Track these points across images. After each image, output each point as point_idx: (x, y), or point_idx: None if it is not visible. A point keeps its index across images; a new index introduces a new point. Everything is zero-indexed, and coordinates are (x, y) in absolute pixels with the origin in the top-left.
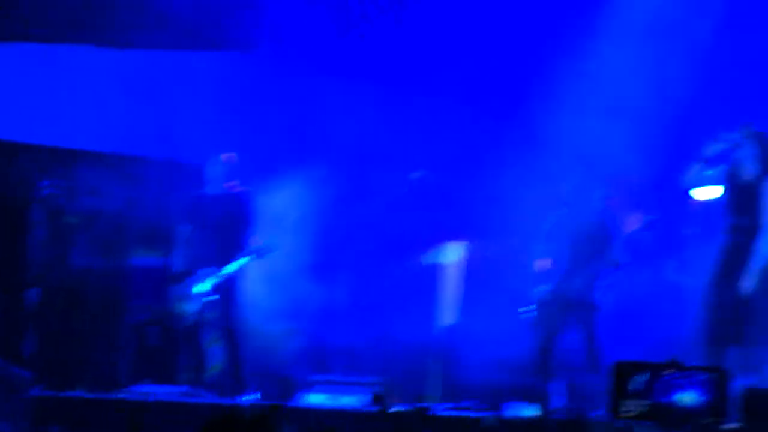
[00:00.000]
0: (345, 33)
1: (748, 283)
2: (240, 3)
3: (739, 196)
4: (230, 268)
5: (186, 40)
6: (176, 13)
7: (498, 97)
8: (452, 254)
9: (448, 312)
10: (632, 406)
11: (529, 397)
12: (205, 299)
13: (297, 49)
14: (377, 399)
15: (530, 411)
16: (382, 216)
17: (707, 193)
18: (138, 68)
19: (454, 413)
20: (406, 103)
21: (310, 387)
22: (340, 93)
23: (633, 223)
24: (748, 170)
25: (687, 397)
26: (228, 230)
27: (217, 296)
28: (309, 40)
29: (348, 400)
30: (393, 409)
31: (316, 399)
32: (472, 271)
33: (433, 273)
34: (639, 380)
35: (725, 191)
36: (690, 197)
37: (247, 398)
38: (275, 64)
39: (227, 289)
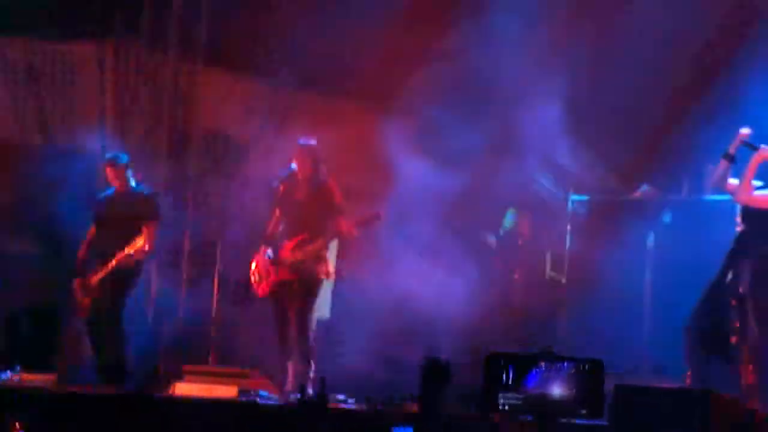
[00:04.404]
0: None
1: None
2: None
3: None
4: (125, 252)
5: None
6: None
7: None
8: None
9: None
10: (505, 399)
11: None
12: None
13: None
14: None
15: None
16: None
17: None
18: None
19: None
20: None
21: (181, 377)
22: None
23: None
24: None
25: (560, 389)
26: (129, 226)
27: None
28: None
29: (219, 391)
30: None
31: (187, 389)
32: None
33: None
34: (511, 372)
35: None
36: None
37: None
38: None
39: (118, 281)
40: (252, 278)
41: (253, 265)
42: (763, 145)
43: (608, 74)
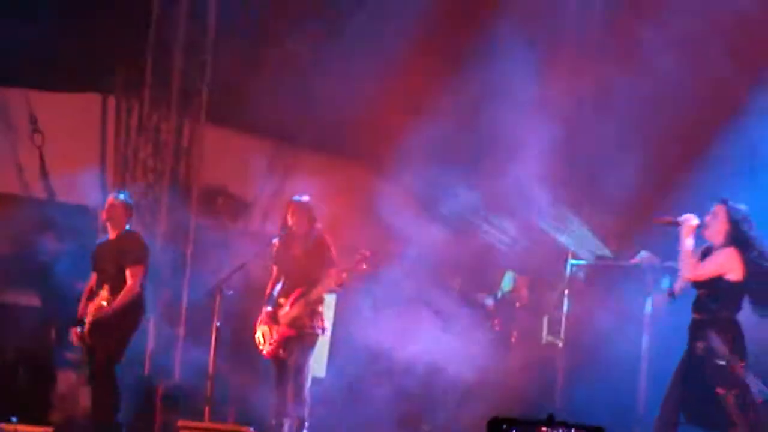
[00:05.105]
0: None
1: None
2: None
3: None
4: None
5: None
6: None
7: None
8: None
9: None
10: None
11: None
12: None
13: None
14: None
15: None
16: None
17: None
18: None
19: None
20: None
21: None
22: None
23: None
24: None
25: None
26: (119, 272)
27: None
28: None
29: None
30: None
31: None
32: None
33: None
34: None
35: None
36: None
37: None
38: None
39: (102, 331)
40: (257, 340)
41: (258, 328)
42: (682, 216)
43: (606, 138)
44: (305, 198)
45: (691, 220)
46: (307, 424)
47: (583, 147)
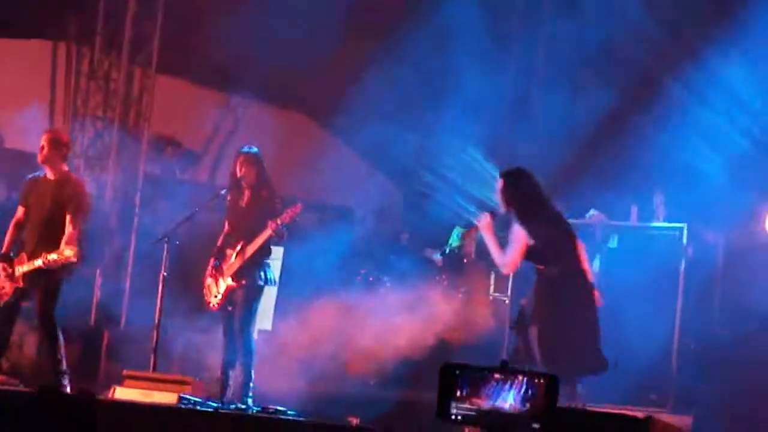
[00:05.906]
0: None
1: None
2: None
3: None
4: (52, 256)
5: None
6: None
7: None
8: None
9: None
10: (458, 409)
11: None
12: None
13: None
14: None
15: None
16: None
17: None
18: None
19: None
20: None
21: (121, 382)
22: None
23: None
24: None
25: (514, 402)
26: (57, 216)
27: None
28: None
29: (159, 397)
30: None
31: (127, 394)
32: None
33: None
34: (466, 383)
35: None
36: None
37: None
38: None
39: (47, 281)
40: (205, 293)
41: (206, 280)
42: (478, 219)
43: (556, 100)
44: (254, 149)
45: (485, 217)
46: (253, 375)
47: (532, 101)
